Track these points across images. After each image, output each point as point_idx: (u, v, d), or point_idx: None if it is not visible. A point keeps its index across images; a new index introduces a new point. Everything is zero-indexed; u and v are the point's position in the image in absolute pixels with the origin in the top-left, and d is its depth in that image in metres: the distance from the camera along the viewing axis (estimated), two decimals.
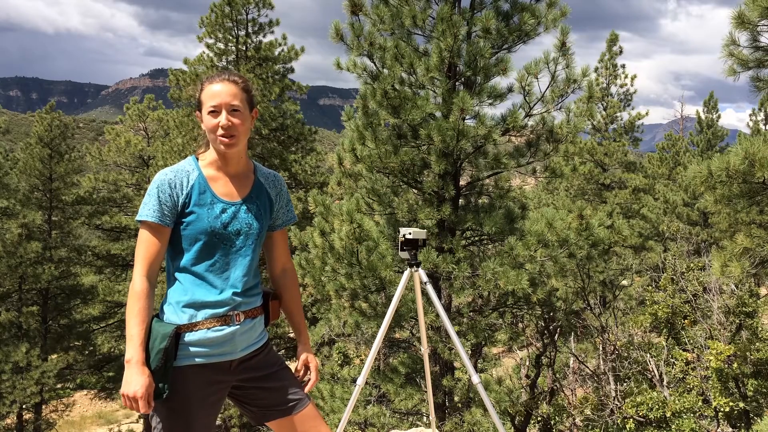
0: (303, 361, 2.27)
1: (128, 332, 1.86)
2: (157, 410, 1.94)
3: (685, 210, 19.63)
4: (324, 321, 12.26)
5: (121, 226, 21.07)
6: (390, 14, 6.69)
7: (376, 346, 2.42)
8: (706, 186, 5.91)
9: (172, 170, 2.00)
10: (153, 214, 1.93)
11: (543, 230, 6.50)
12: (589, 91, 6.67)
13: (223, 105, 1.95)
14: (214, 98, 1.96)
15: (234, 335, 2.00)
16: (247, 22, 15.97)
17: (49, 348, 19.14)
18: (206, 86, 1.99)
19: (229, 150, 1.99)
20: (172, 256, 2.02)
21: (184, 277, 1.99)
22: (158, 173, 1.99)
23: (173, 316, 1.96)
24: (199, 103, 2.01)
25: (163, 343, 1.87)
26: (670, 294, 9.67)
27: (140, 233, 1.96)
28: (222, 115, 1.95)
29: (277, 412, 2.13)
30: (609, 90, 20.66)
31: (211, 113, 1.96)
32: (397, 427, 7.43)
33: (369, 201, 7.18)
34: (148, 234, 1.95)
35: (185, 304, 1.96)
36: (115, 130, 21.12)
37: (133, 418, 24.74)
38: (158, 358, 1.86)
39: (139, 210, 1.95)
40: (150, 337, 1.90)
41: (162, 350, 1.87)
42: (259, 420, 2.19)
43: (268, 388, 2.12)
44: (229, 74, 2.02)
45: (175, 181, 1.96)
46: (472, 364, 2.93)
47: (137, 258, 1.95)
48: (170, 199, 1.95)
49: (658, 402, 7.36)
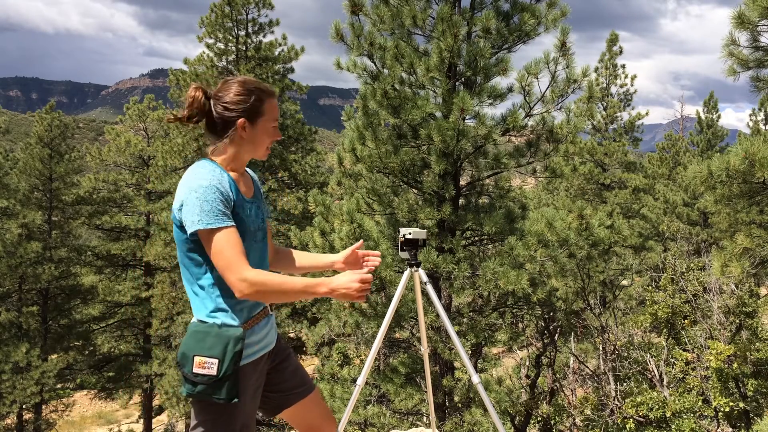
0: (351, 255, 2.33)
1: (299, 289, 1.91)
2: (215, 415, 1.96)
3: (685, 210, 19.63)
4: (324, 321, 12.26)
5: (121, 226, 21.07)
6: (390, 14, 6.69)
7: (376, 346, 2.41)
8: (706, 186, 5.91)
9: (211, 174, 1.96)
10: (227, 220, 1.92)
11: (543, 230, 6.50)
12: (589, 91, 6.67)
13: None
14: (277, 113, 2.10)
15: (272, 326, 2.16)
16: (247, 22, 15.98)
17: (49, 348, 19.14)
18: (270, 99, 2.07)
19: (264, 157, 2.14)
20: (213, 264, 1.97)
21: None
22: (198, 179, 1.92)
23: (231, 321, 1.97)
24: (259, 111, 2.04)
25: (237, 346, 1.91)
26: (670, 294, 9.67)
27: (217, 239, 1.89)
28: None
29: (295, 395, 2.23)
30: (609, 90, 20.66)
31: (274, 127, 2.09)
32: (397, 427, 7.43)
33: (369, 201, 7.19)
34: (229, 235, 1.91)
35: (239, 305, 2.00)
36: (115, 130, 21.11)
37: (133, 418, 24.75)
38: (234, 362, 1.90)
39: (200, 219, 1.88)
40: (220, 345, 1.90)
41: (237, 353, 1.90)
42: (276, 409, 2.24)
43: (287, 369, 2.23)
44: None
45: (223, 184, 1.95)
46: (472, 364, 2.93)
47: (232, 258, 1.88)
48: (228, 203, 1.95)
49: (658, 402, 7.36)
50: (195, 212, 1.88)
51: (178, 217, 1.95)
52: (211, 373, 1.87)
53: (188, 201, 1.90)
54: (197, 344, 1.91)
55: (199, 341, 1.91)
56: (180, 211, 1.93)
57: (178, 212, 1.94)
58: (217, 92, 2.04)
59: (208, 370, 1.88)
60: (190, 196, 1.90)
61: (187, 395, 1.94)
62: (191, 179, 1.93)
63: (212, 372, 1.87)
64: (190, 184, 1.92)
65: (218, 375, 1.87)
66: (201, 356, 1.89)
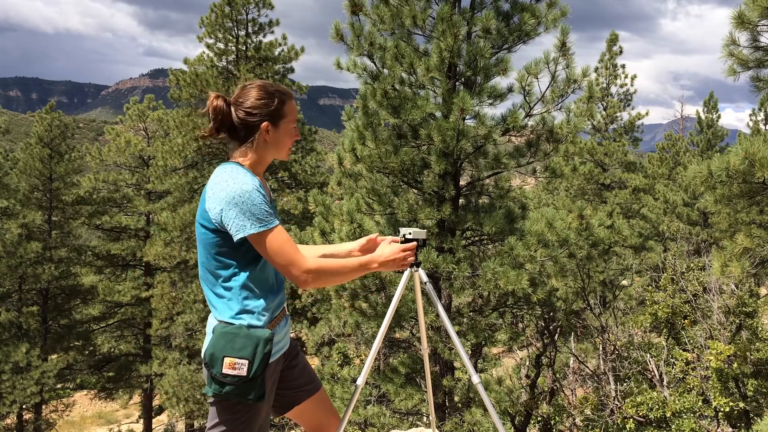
0: (367, 243, 2.39)
1: (355, 267, 2.06)
2: (238, 414, 1.99)
3: (685, 210, 19.63)
4: (324, 321, 12.26)
5: (121, 226, 21.08)
6: (390, 14, 6.69)
7: (376, 346, 2.41)
8: (706, 186, 5.91)
9: (251, 178, 1.98)
10: (275, 218, 1.98)
11: (543, 230, 6.50)
12: (589, 91, 6.67)
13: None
14: (296, 114, 2.16)
15: (288, 327, 2.22)
16: (247, 22, 15.98)
17: (49, 348, 19.14)
18: (290, 100, 2.12)
19: (287, 158, 2.19)
20: (244, 265, 2.00)
21: (256, 282, 2.03)
22: (239, 184, 1.93)
23: (256, 322, 2.00)
24: (281, 114, 2.08)
25: (267, 347, 1.95)
26: (670, 294, 9.67)
27: (272, 239, 1.94)
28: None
29: (305, 392, 2.28)
30: (609, 90, 20.67)
31: (294, 127, 2.14)
32: (397, 427, 7.43)
33: (369, 201, 7.19)
34: (280, 233, 1.97)
35: (264, 307, 2.02)
36: (115, 130, 21.11)
37: (133, 418, 24.75)
38: (263, 363, 1.94)
39: (252, 224, 1.91)
40: (250, 346, 1.93)
41: (266, 354, 1.95)
42: (287, 406, 2.27)
43: (297, 367, 2.28)
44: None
45: (262, 190, 1.99)
46: (472, 364, 2.93)
47: (291, 254, 1.96)
48: (271, 205, 2.04)
49: (658, 402, 7.36)
50: (245, 217, 1.90)
51: (213, 220, 1.95)
52: (241, 374, 1.90)
53: (232, 207, 1.91)
54: (227, 345, 1.92)
55: (229, 342, 1.93)
56: (219, 216, 1.93)
57: (216, 216, 1.93)
58: (237, 98, 2.05)
59: (238, 371, 1.90)
60: (233, 201, 1.90)
61: (214, 395, 1.96)
62: (230, 184, 1.93)
63: (242, 373, 1.90)
64: (230, 188, 1.92)
65: (248, 376, 1.90)
66: (231, 357, 1.91)
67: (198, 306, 15.36)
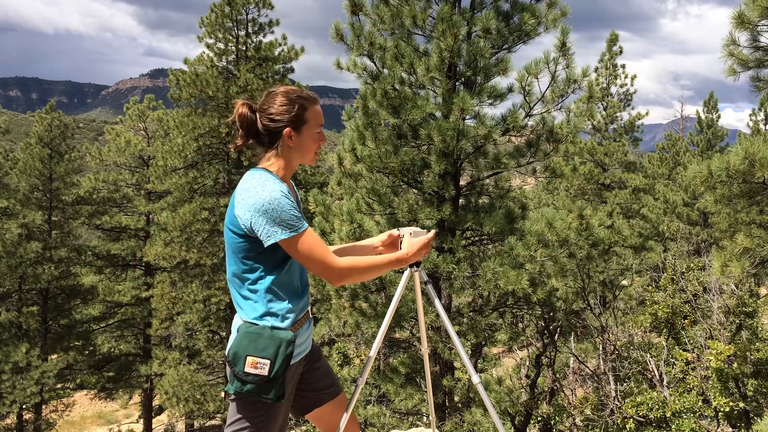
0: (388, 238, 2.42)
1: (383, 264, 2.14)
2: (258, 412, 2.04)
3: (685, 210, 19.63)
4: (324, 321, 12.26)
5: (121, 226, 21.07)
6: (390, 14, 6.69)
7: (376, 346, 2.41)
8: (706, 186, 5.91)
9: (279, 185, 2.03)
10: (304, 222, 2.03)
11: (543, 230, 6.50)
12: (589, 91, 6.67)
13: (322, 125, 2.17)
14: (321, 118, 2.16)
15: (311, 330, 2.25)
16: (247, 22, 15.97)
17: (49, 348, 19.15)
18: (313, 106, 2.13)
19: (313, 163, 2.22)
20: (270, 269, 2.06)
21: (281, 285, 2.08)
22: (267, 190, 1.98)
23: (280, 324, 2.05)
24: (303, 119, 2.10)
25: (289, 348, 2.00)
26: (670, 294, 9.67)
27: (302, 243, 2.00)
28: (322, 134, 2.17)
29: (327, 395, 2.32)
30: (609, 90, 20.66)
31: (319, 133, 2.15)
32: (397, 427, 7.43)
33: (369, 201, 7.18)
34: (310, 236, 2.02)
35: (288, 310, 2.08)
36: (115, 130, 21.10)
37: (133, 418, 24.76)
38: (285, 364, 1.98)
39: (282, 230, 1.96)
40: (273, 347, 1.99)
41: (288, 356, 1.99)
42: (308, 408, 2.32)
43: (320, 370, 2.32)
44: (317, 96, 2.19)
45: (290, 196, 2.03)
46: (472, 364, 2.93)
47: (322, 257, 2.03)
48: (300, 210, 2.08)
49: (658, 402, 7.36)
50: (275, 224, 1.96)
51: (242, 226, 1.99)
52: (262, 373, 1.95)
53: (261, 214, 1.95)
54: (250, 345, 1.98)
55: (252, 342, 1.99)
56: (249, 222, 1.97)
57: (249, 224, 1.98)
58: (262, 105, 2.10)
59: (260, 370, 1.95)
60: (262, 208, 1.95)
61: (235, 393, 2.00)
62: (259, 191, 1.98)
63: (264, 372, 1.95)
64: (259, 196, 1.96)
65: (269, 375, 1.96)
66: (254, 356, 1.96)
67: (198, 306, 15.36)
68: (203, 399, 14.61)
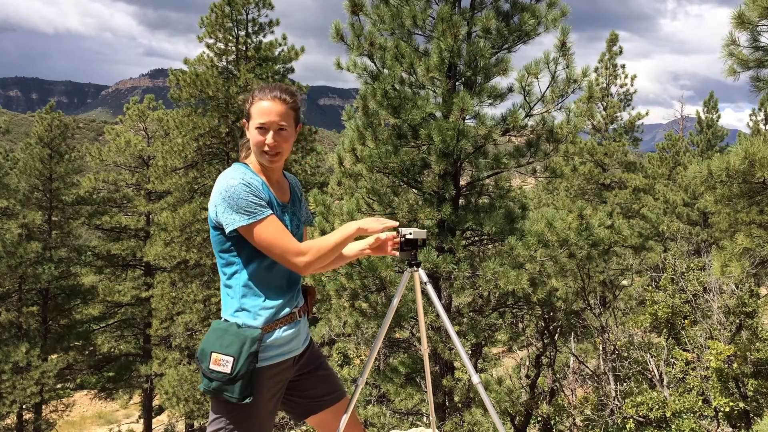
0: (375, 241, 2.33)
1: (341, 238, 2.01)
2: (230, 413, 1.99)
3: (685, 210, 19.63)
4: (324, 321, 12.26)
5: (121, 226, 21.07)
6: (390, 14, 6.69)
7: (376, 346, 2.41)
8: (706, 186, 5.91)
9: (239, 173, 1.98)
10: (264, 210, 1.95)
11: (543, 230, 6.50)
12: (589, 91, 6.67)
13: (270, 124, 1.99)
14: (263, 116, 1.99)
15: (299, 331, 2.14)
16: (247, 22, 15.97)
17: (49, 348, 19.13)
18: (257, 101, 2.02)
19: (272, 165, 2.06)
20: (244, 262, 2.02)
21: (258, 281, 2.03)
22: (227, 179, 1.94)
23: (252, 321, 2.00)
24: (248, 114, 2.04)
25: (253, 346, 1.94)
26: (670, 294, 9.67)
27: (261, 231, 1.93)
28: (269, 135, 1.99)
29: (327, 401, 2.26)
30: (609, 90, 20.65)
31: (258, 129, 2.00)
32: (397, 427, 7.43)
33: (369, 201, 7.18)
34: (270, 224, 1.95)
35: (262, 307, 2.02)
36: (115, 130, 21.10)
37: (133, 418, 24.76)
38: (248, 362, 1.92)
39: (240, 217, 1.91)
40: (237, 344, 1.93)
41: (252, 354, 1.93)
42: (307, 413, 2.26)
43: (320, 376, 2.25)
44: (280, 91, 2.03)
45: (251, 183, 1.97)
46: (472, 364, 2.93)
47: (284, 244, 1.95)
48: (259, 196, 1.97)
49: (658, 402, 7.36)
50: (233, 210, 1.92)
51: (214, 219, 1.99)
52: (225, 370, 1.91)
53: (221, 202, 1.93)
54: (216, 341, 1.95)
55: (218, 338, 1.96)
56: (215, 213, 1.97)
57: (215, 215, 1.97)
58: None
59: (222, 367, 1.92)
60: (221, 196, 1.93)
61: (204, 391, 1.99)
62: (220, 181, 1.98)
63: (226, 369, 1.91)
64: (219, 185, 1.96)
65: (232, 373, 1.91)
66: (218, 353, 1.93)
67: (198, 306, 15.36)
68: (203, 399, 14.61)
